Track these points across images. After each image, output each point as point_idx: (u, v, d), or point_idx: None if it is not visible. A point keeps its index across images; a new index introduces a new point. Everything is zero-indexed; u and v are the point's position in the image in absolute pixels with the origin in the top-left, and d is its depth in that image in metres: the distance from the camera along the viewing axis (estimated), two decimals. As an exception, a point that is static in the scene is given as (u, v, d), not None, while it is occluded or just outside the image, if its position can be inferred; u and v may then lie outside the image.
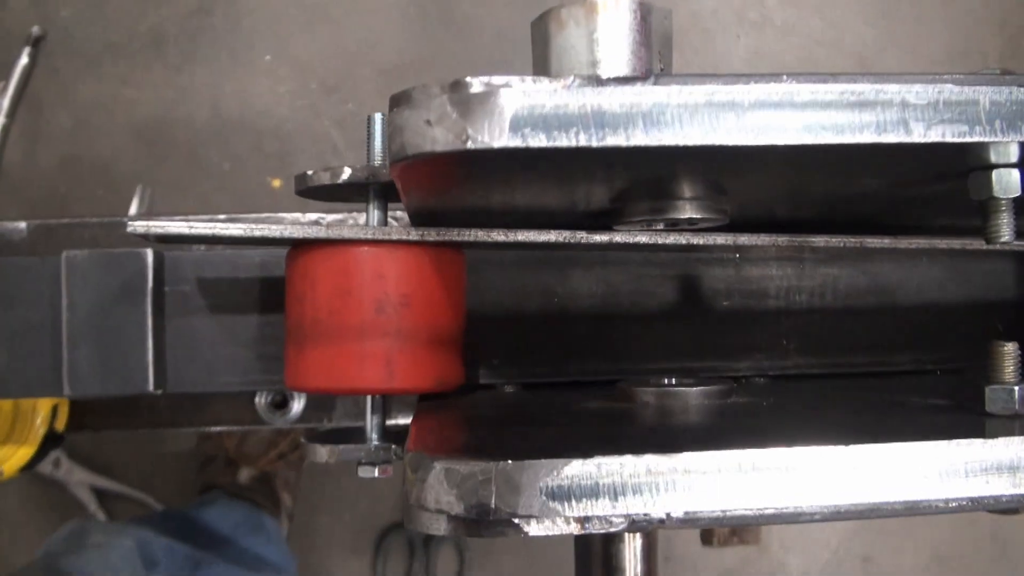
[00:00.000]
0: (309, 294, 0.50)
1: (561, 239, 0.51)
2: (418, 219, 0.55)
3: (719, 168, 0.40)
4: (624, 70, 0.58)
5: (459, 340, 0.53)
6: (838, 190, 0.46)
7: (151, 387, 0.59)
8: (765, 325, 0.61)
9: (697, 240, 0.51)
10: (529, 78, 0.34)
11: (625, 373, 0.60)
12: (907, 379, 0.60)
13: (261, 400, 0.74)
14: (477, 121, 0.31)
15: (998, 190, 0.39)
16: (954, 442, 0.32)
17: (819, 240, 0.53)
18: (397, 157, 0.34)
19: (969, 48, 1.76)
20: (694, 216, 0.47)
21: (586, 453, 0.31)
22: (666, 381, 0.50)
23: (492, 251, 0.59)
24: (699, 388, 0.46)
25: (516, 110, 0.31)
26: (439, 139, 0.32)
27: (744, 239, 0.52)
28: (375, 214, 0.54)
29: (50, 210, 1.63)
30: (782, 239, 0.52)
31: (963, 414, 0.40)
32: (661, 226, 0.50)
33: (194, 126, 1.69)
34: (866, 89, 0.34)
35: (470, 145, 0.31)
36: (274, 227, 0.49)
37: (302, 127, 1.70)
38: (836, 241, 0.54)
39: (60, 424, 0.79)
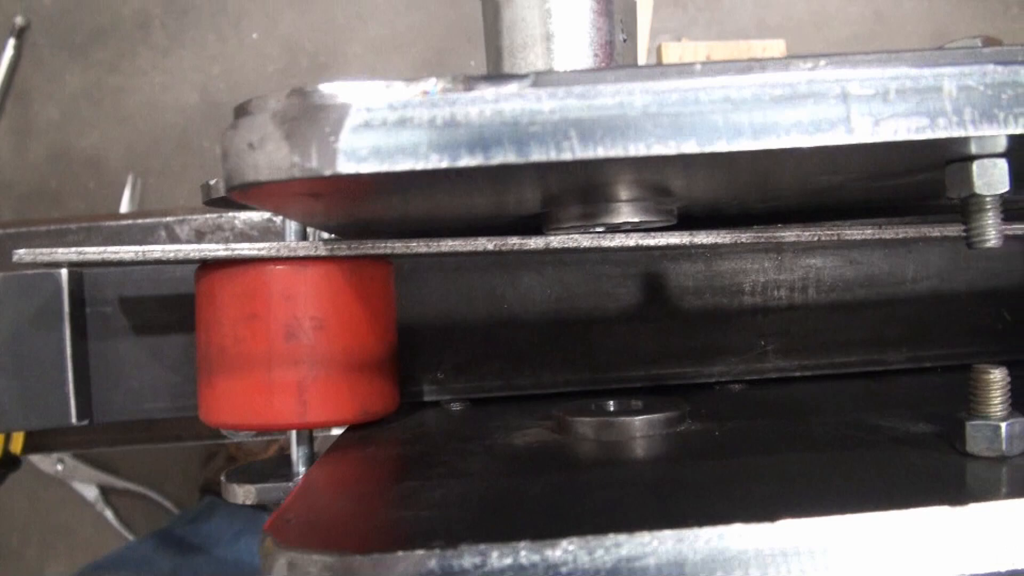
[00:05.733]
0: (214, 319, 0.45)
1: (491, 247, 0.45)
2: (341, 230, 0.49)
3: (640, 174, 0.33)
4: (583, 43, 0.52)
5: (389, 363, 0.48)
6: (796, 185, 0.40)
7: (73, 419, 0.55)
8: (740, 325, 0.54)
9: (647, 242, 0.45)
10: (383, 83, 0.28)
11: (585, 384, 0.54)
12: (902, 381, 0.53)
13: (217, 414, 0.70)
14: (303, 144, 0.25)
15: (980, 186, 0.33)
16: (909, 512, 0.26)
17: (790, 235, 0.47)
18: (228, 185, 0.28)
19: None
20: (631, 220, 0.41)
21: (450, 540, 0.25)
22: (611, 407, 0.44)
23: (429, 256, 0.53)
24: (643, 417, 0.40)
25: (351, 129, 0.25)
26: (262, 166, 0.26)
27: (701, 237, 0.46)
28: (291, 225, 0.48)
29: (42, 206, 1.59)
30: (745, 236, 0.46)
31: (944, 453, 0.34)
32: (601, 229, 0.44)
33: (183, 111, 1.64)
34: (796, 80, 0.27)
35: (297, 174, 0.26)
36: (167, 248, 0.44)
37: (293, 107, 1.64)
38: (809, 235, 0.47)
39: (16, 447, 0.76)
